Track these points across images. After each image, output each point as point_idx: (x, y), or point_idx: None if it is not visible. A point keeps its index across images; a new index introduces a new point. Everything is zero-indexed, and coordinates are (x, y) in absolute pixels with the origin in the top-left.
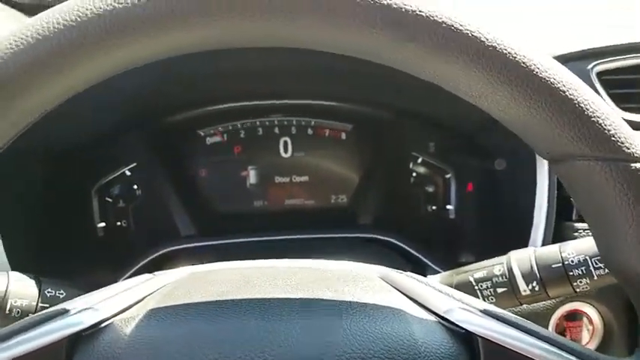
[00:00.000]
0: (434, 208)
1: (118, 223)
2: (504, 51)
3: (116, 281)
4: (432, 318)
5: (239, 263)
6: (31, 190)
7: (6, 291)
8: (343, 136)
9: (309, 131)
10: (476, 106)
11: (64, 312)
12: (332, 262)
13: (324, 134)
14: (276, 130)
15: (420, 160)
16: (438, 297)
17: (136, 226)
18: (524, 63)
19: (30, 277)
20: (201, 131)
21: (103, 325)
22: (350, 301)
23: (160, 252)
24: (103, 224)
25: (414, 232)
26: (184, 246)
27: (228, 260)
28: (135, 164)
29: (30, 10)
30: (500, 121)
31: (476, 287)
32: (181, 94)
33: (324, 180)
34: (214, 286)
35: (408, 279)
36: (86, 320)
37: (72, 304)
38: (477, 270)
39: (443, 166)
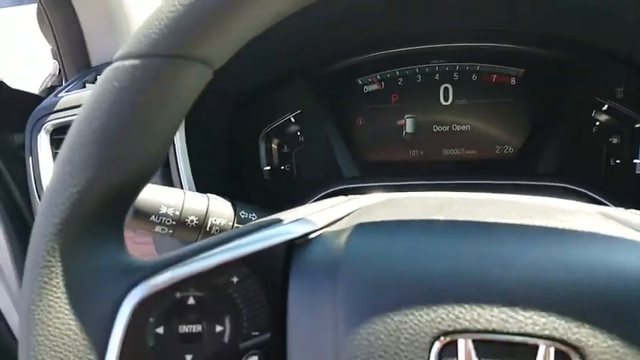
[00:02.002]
0: (618, 161)
1: (282, 168)
2: None
3: None
4: None
5: (432, 193)
6: (215, 129)
7: (207, 210)
8: (512, 81)
9: (473, 77)
10: None
11: (279, 221)
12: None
13: (490, 80)
14: (437, 77)
15: (605, 108)
16: None
17: (299, 170)
18: None
19: (226, 200)
20: (359, 79)
21: (316, 235)
22: (578, 230)
23: (325, 192)
24: (268, 168)
25: (595, 187)
26: (348, 186)
27: None
28: (299, 111)
29: None
30: None
31: None
32: (342, 40)
33: (488, 129)
34: (421, 208)
35: (636, 216)
36: (301, 229)
37: (284, 216)
38: None
39: (632, 114)
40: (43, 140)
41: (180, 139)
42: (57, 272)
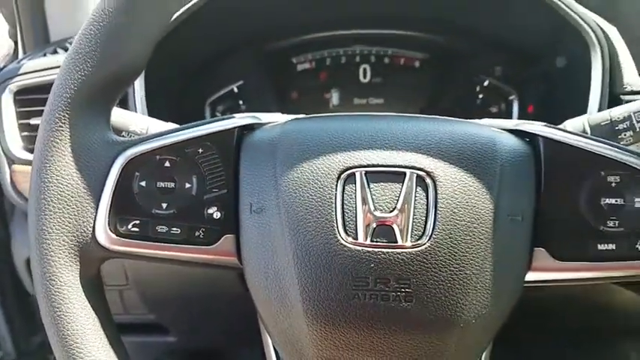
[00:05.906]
0: None
1: None
2: None
3: None
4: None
5: None
6: (167, 94)
7: None
8: (417, 64)
9: (386, 60)
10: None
11: (231, 117)
12: None
13: (399, 62)
14: (357, 59)
15: (486, 84)
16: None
17: None
18: None
19: None
20: (294, 59)
21: (263, 126)
22: (447, 120)
23: None
24: None
25: None
26: None
27: None
28: (242, 82)
29: None
30: None
31: None
32: (281, 22)
33: (397, 102)
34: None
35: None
36: (250, 120)
37: (237, 115)
38: None
39: (507, 88)
40: (7, 99)
41: (139, 93)
42: (65, 135)
